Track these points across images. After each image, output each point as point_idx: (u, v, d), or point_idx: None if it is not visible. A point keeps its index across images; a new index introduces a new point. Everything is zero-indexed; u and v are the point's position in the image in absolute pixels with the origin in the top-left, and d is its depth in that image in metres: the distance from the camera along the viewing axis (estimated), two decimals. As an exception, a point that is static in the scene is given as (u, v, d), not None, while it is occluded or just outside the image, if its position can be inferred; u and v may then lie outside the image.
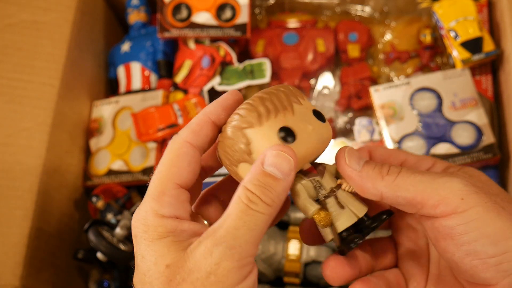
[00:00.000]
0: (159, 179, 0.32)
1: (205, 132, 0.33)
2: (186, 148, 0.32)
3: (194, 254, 0.29)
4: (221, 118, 0.33)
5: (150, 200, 0.31)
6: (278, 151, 0.30)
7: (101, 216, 0.71)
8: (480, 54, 0.66)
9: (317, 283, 0.66)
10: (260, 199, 0.29)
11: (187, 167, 0.32)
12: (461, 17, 0.68)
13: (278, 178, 0.30)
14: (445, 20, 0.69)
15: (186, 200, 0.32)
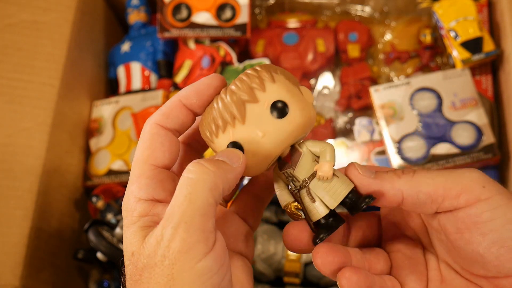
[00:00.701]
0: (136, 162, 0.32)
1: (175, 114, 0.33)
2: (156, 129, 0.32)
3: (149, 240, 0.29)
4: (192, 103, 0.33)
5: (130, 184, 0.32)
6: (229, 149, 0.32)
7: (101, 216, 0.71)
8: (480, 54, 0.66)
9: (317, 283, 0.66)
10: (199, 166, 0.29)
11: (161, 148, 0.32)
12: (461, 17, 0.68)
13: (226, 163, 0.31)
14: (445, 20, 0.69)
15: (165, 179, 0.32)
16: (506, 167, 0.65)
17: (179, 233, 0.28)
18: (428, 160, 0.64)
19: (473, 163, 0.63)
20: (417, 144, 0.65)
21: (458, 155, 0.63)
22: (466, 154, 0.63)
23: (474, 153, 0.63)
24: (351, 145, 0.69)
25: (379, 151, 0.68)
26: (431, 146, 0.65)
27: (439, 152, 0.64)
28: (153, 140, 0.32)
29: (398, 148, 0.65)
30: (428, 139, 0.65)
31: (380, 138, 0.68)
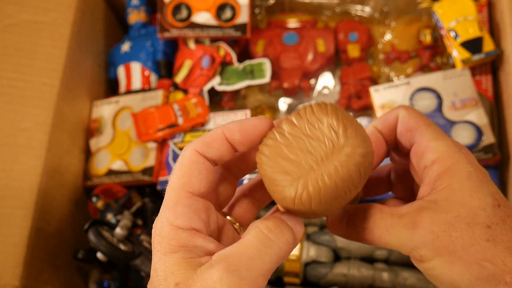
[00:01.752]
0: (172, 189, 0.31)
1: (216, 145, 0.32)
2: (196, 157, 0.32)
3: (203, 276, 0.28)
4: (234, 138, 0.32)
5: (165, 210, 0.31)
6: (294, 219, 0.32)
7: (101, 216, 0.71)
8: (480, 54, 0.66)
9: (317, 283, 0.66)
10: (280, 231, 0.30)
11: (199, 176, 0.31)
12: (461, 17, 0.68)
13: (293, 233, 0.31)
14: (445, 20, 0.69)
15: (201, 209, 0.31)
16: (506, 167, 0.65)
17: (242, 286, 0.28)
18: (428, 160, 0.64)
19: (473, 163, 0.63)
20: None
21: (458, 155, 0.63)
22: (466, 154, 0.63)
23: (474, 153, 0.63)
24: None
25: (379, 151, 0.68)
26: (431, 146, 0.64)
27: (439, 152, 0.64)
28: (192, 167, 0.32)
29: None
30: (428, 139, 0.65)
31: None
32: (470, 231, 0.31)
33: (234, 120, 0.34)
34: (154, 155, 0.72)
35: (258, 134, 0.33)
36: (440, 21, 0.69)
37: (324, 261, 0.65)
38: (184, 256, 0.29)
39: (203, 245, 0.30)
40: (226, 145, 0.33)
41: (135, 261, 0.64)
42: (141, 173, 0.72)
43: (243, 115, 0.72)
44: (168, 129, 0.72)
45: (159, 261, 0.30)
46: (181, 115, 0.73)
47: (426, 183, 0.33)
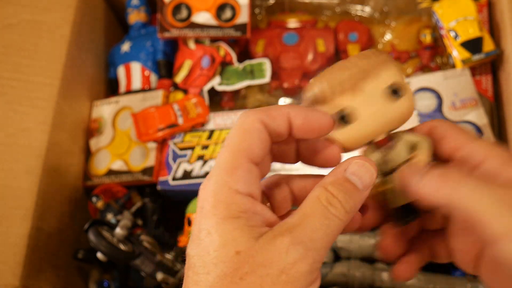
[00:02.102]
0: (231, 152, 0.30)
1: (279, 121, 0.31)
2: (258, 125, 0.31)
3: (268, 247, 0.27)
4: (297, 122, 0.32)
5: (222, 172, 0.29)
6: (363, 161, 0.31)
7: (101, 216, 0.71)
8: (480, 54, 0.66)
9: (317, 283, 0.66)
10: (341, 204, 0.29)
11: (259, 144, 0.30)
12: (461, 17, 0.68)
13: (358, 188, 0.30)
14: (445, 20, 0.69)
15: (258, 177, 0.30)
16: (506, 167, 0.65)
17: (308, 257, 0.28)
18: (428, 160, 0.64)
19: (473, 163, 0.63)
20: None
21: (458, 155, 0.63)
22: (466, 154, 0.63)
23: (474, 153, 0.63)
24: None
25: (379, 151, 0.68)
26: (431, 146, 0.64)
27: (439, 152, 0.64)
28: (254, 134, 0.30)
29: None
30: (428, 139, 0.65)
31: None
32: None
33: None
34: (154, 155, 0.72)
35: (318, 128, 0.32)
36: (440, 21, 0.69)
37: (324, 261, 0.65)
38: (246, 224, 0.28)
39: (262, 213, 0.29)
40: (287, 124, 0.32)
41: (135, 261, 0.64)
42: (141, 173, 0.72)
43: (243, 115, 0.72)
44: (168, 129, 0.72)
45: (216, 225, 0.28)
46: (181, 115, 0.73)
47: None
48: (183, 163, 0.71)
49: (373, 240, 0.65)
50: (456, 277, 0.64)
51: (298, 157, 0.35)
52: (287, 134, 0.32)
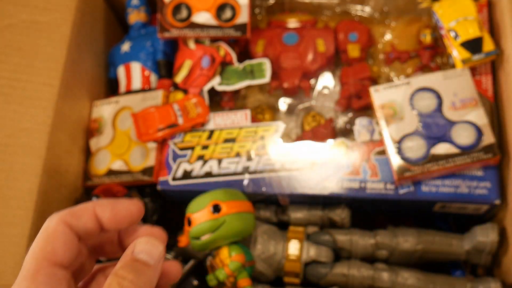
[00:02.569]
0: (33, 258, 0.30)
1: (84, 219, 0.32)
2: (62, 227, 0.31)
3: None
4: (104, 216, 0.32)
5: (23, 280, 0.29)
6: (147, 238, 0.31)
7: (101, 216, 0.71)
8: (480, 54, 0.66)
9: (317, 283, 0.66)
10: (133, 283, 0.29)
11: (63, 246, 0.31)
12: (461, 17, 0.68)
13: (149, 264, 0.30)
14: (445, 20, 0.69)
15: (64, 279, 0.30)
16: (506, 167, 0.65)
17: None
18: (428, 160, 0.64)
19: (473, 163, 0.63)
20: (417, 144, 0.65)
21: (458, 155, 0.63)
22: (466, 154, 0.63)
23: (474, 153, 0.63)
24: (351, 145, 0.69)
25: (379, 151, 0.68)
26: (431, 146, 0.64)
27: (439, 152, 0.64)
28: (57, 237, 0.31)
29: (398, 148, 0.65)
30: (428, 139, 0.65)
31: (380, 138, 0.68)
32: None
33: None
34: (154, 155, 0.72)
35: (128, 216, 0.33)
36: (440, 21, 0.69)
37: (324, 261, 0.65)
38: None
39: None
40: (94, 221, 0.32)
41: (135, 261, 0.64)
42: (141, 173, 0.72)
43: (243, 115, 0.72)
44: (168, 129, 0.72)
45: None
46: (181, 115, 0.73)
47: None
48: (183, 163, 0.71)
49: (373, 240, 0.66)
50: (456, 277, 0.64)
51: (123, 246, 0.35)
52: (98, 229, 0.33)
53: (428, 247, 0.64)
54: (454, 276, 0.64)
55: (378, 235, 0.66)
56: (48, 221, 0.31)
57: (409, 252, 0.64)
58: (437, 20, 0.70)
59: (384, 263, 0.65)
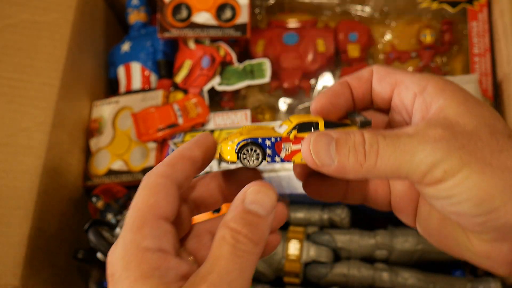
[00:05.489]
0: (137, 211, 0.30)
1: (180, 166, 0.32)
2: (162, 179, 0.31)
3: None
4: (196, 154, 0.32)
5: (128, 233, 0.29)
6: (258, 187, 0.30)
7: (101, 216, 0.71)
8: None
9: (317, 283, 0.66)
10: (247, 238, 0.29)
11: (165, 199, 0.30)
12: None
13: (261, 215, 0.29)
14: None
15: (169, 232, 0.30)
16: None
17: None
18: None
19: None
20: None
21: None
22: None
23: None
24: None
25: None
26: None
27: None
28: (158, 190, 0.30)
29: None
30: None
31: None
32: (495, 138, 0.28)
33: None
34: (154, 155, 0.72)
35: (211, 145, 0.33)
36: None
37: (324, 261, 0.65)
38: (160, 282, 0.27)
39: (176, 267, 0.29)
40: (190, 164, 0.32)
41: (135, 261, 0.64)
42: (141, 173, 0.72)
43: (243, 115, 0.72)
44: (168, 129, 0.72)
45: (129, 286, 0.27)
46: (181, 115, 0.73)
47: (420, 109, 0.31)
48: (183, 163, 0.71)
49: (373, 240, 0.65)
50: (456, 277, 0.64)
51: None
52: (195, 172, 0.33)
53: (428, 247, 0.64)
54: (454, 276, 0.64)
55: (378, 235, 0.66)
56: (146, 177, 0.31)
57: (409, 252, 0.64)
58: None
59: (384, 263, 0.65)
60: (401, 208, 0.36)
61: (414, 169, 0.28)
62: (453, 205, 0.28)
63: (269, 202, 0.30)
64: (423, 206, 0.34)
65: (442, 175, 0.28)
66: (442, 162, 0.28)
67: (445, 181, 0.28)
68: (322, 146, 0.30)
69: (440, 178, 0.28)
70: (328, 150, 0.30)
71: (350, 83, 0.34)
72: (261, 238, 0.29)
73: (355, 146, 0.29)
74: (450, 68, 0.75)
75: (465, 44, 0.74)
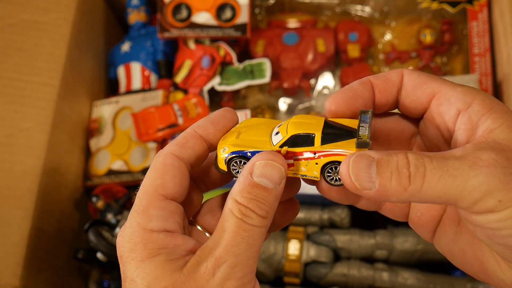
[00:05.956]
0: (144, 192, 0.30)
1: (191, 144, 0.31)
2: (171, 159, 0.31)
3: (194, 275, 0.27)
4: (209, 133, 0.32)
5: (135, 215, 0.29)
6: (266, 160, 0.30)
7: (101, 216, 0.71)
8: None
9: (317, 283, 0.66)
10: (254, 212, 0.29)
11: (173, 179, 0.30)
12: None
13: (268, 189, 0.29)
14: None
15: (176, 211, 0.30)
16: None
17: (236, 273, 0.28)
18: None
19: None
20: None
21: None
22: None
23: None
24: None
25: (379, 151, 0.68)
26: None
27: (439, 152, 0.64)
28: (166, 170, 0.30)
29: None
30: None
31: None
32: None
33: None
34: (154, 155, 0.72)
35: (227, 123, 0.33)
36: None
37: (324, 261, 0.65)
38: (167, 259, 0.28)
39: (184, 243, 0.29)
40: (201, 142, 0.32)
41: (135, 261, 0.64)
42: (141, 173, 0.72)
43: (243, 115, 0.72)
44: (168, 129, 0.72)
45: (136, 269, 0.28)
46: (181, 115, 0.73)
47: (465, 128, 0.29)
48: (183, 163, 0.71)
49: (373, 240, 0.65)
50: (456, 277, 0.64)
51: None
52: (207, 151, 0.32)
53: (428, 247, 0.64)
54: (454, 276, 0.64)
55: (378, 235, 0.66)
56: (157, 157, 0.31)
57: (409, 252, 0.64)
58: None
59: (384, 263, 0.65)
60: (421, 223, 0.34)
61: (465, 195, 0.26)
62: (503, 238, 0.27)
63: (277, 175, 0.29)
64: (449, 227, 0.33)
65: (495, 205, 0.26)
66: (497, 191, 0.26)
67: (498, 211, 0.26)
68: (362, 169, 0.27)
69: (493, 207, 0.26)
70: (369, 173, 0.27)
71: (374, 84, 0.32)
72: (268, 212, 0.29)
73: (398, 168, 0.27)
74: (450, 68, 0.75)
75: (465, 44, 0.74)
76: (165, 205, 0.30)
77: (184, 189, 0.31)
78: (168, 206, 0.30)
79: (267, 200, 0.29)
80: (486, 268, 0.31)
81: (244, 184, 0.29)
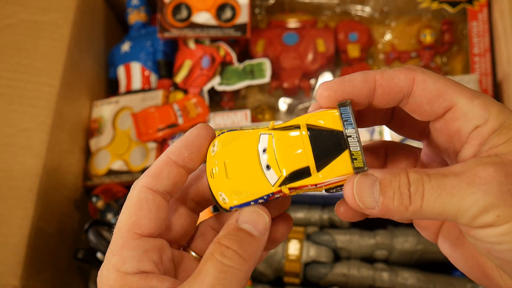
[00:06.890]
0: (118, 231, 0.29)
1: (165, 173, 0.31)
2: (144, 194, 0.30)
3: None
4: (184, 157, 0.31)
5: (111, 256, 0.29)
6: (253, 207, 0.30)
7: (101, 216, 0.71)
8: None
9: (317, 283, 0.66)
10: (236, 254, 0.28)
11: (148, 214, 0.30)
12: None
13: (253, 235, 0.29)
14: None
15: (151, 249, 0.29)
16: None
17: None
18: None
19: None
20: (418, 143, 0.65)
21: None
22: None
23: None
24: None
25: (379, 151, 0.68)
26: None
27: (439, 152, 0.64)
28: (140, 206, 0.30)
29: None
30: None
31: (380, 138, 0.68)
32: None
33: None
34: (154, 155, 0.72)
35: (203, 141, 0.32)
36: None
37: (324, 261, 0.65)
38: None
39: (158, 285, 0.28)
40: (177, 168, 0.31)
41: (135, 261, 0.64)
42: (141, 173, 0.72)
43: (243, 115, 0.72)
44: (168, 129, 0.72)
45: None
46: (181, 115, 0.73)
47: (473, 143, 0.29)
48: (183, 163, 0.71)
49: (373, 240, 0.65)
50: (456, 277, 0.64)
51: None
52: (184, 176, 0.31)
53: (428, 247, 0.64)
54: (454, 276, 0.64)
55: (378, 235, 0.66)
56: (132, 189, 0.31)
57: (409, 252, 0.64)
58: None
59: (384, 263, 0.65)
60: (423, 225, 0.34)
61: (463, 213, 0.27)
62: (502, 252, 0.27)
63: (262, 223, 0.30)
64: (452, 231, 0.33)
65: (494, 220, 0.26)
66: (494, 207, 0.26)
67: (497, 226, 0.26)
68: (365, 189, 0.28)
69: (492, 222, 0.26)
70: (372, 193, 0.28)
71: (378, 85, 0.30)
72: (251, 256, 0.29)
73: (400, 188, 0.27)
74: (450, 68, 0.75)
75: (465, 44, 0.74)
76: (139, 244, 0.29)
77: (161, 222, 0.30)
78: (142, 244, 0.29)
79: (251, 245, 0.29)
80: (488, 275, 0.31)
81: (229, 229, 0.29)
